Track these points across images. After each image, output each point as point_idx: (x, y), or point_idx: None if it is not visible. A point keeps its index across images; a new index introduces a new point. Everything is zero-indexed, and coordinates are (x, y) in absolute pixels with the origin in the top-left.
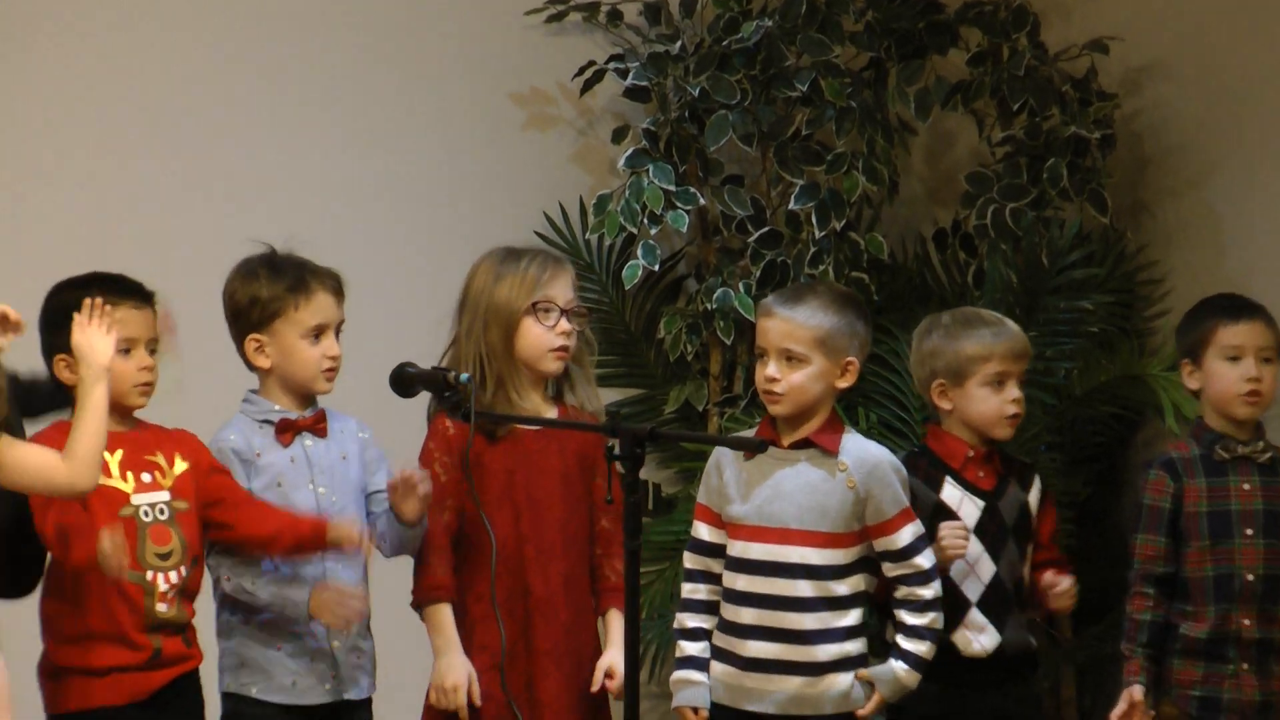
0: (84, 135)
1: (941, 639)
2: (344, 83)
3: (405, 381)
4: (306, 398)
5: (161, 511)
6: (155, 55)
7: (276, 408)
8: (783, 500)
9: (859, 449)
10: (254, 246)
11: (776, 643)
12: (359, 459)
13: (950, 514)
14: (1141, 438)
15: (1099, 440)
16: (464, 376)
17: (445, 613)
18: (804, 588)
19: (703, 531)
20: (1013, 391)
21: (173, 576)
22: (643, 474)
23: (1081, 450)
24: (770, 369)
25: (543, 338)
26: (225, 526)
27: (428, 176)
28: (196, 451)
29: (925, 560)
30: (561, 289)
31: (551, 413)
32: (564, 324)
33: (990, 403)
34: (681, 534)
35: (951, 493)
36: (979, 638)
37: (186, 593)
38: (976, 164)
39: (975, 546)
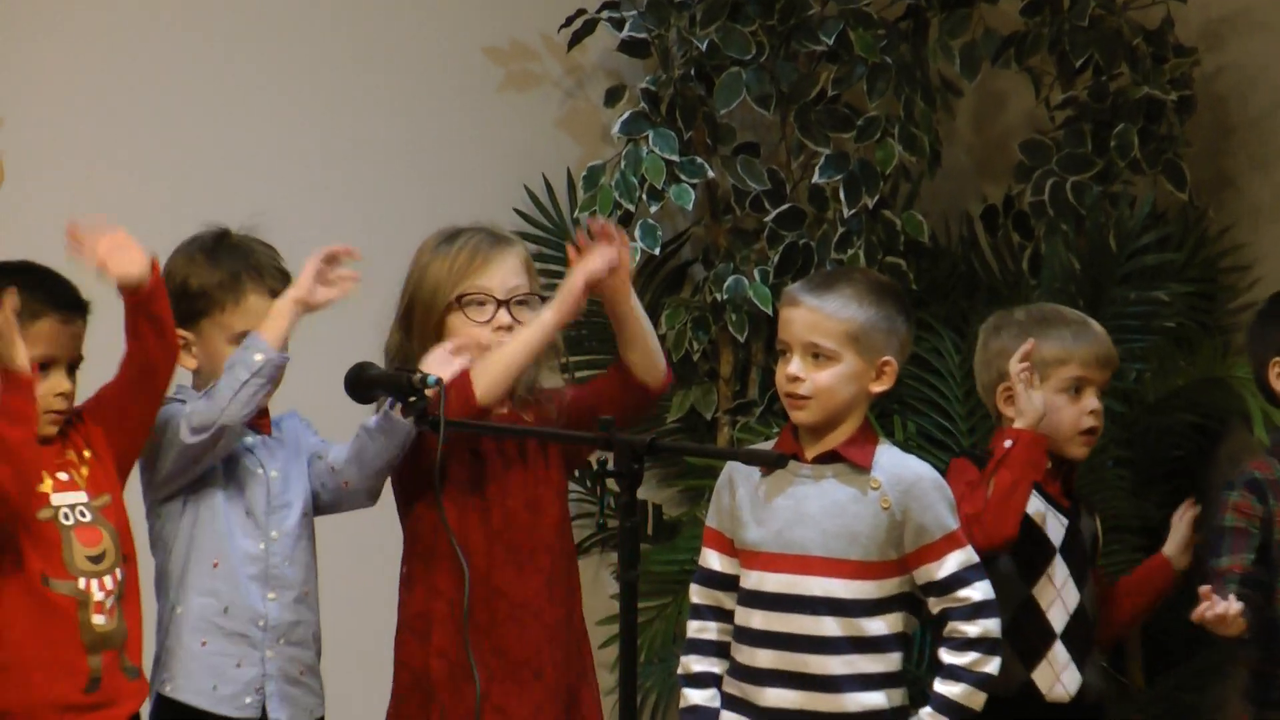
0: (17, 98)
1: (1022, 679)
2: (290, 36)
3: (363, 384)
4: None
5: (83, 514)
6: (92, 13)
7: None
8: (805, 524)
9: (895, 464)
10: (206, 226)
11: (798, 690)
12: (306, 444)
13: (1035, 528)
14: (1225, 451)
15: (1175, 454)
16: (432, 379)
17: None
18: (829, 625)
19: (713, 561)
20: (1091, 402)
21: (108, 581)
22: (641, 493)
23: (1155, 466)
24: (793, 366)
25: (475, 334)
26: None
27: (388, 145)
28: (91, 422)
29: (975, 593)
30: (499, 275)
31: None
32: (501, 316)
33: (1065, 413)
34: (686, 564)
35: (1035, 504)
36: (1062, 677)
37: (124, 598)
38: (1032, 131)
39: (1062, 569)
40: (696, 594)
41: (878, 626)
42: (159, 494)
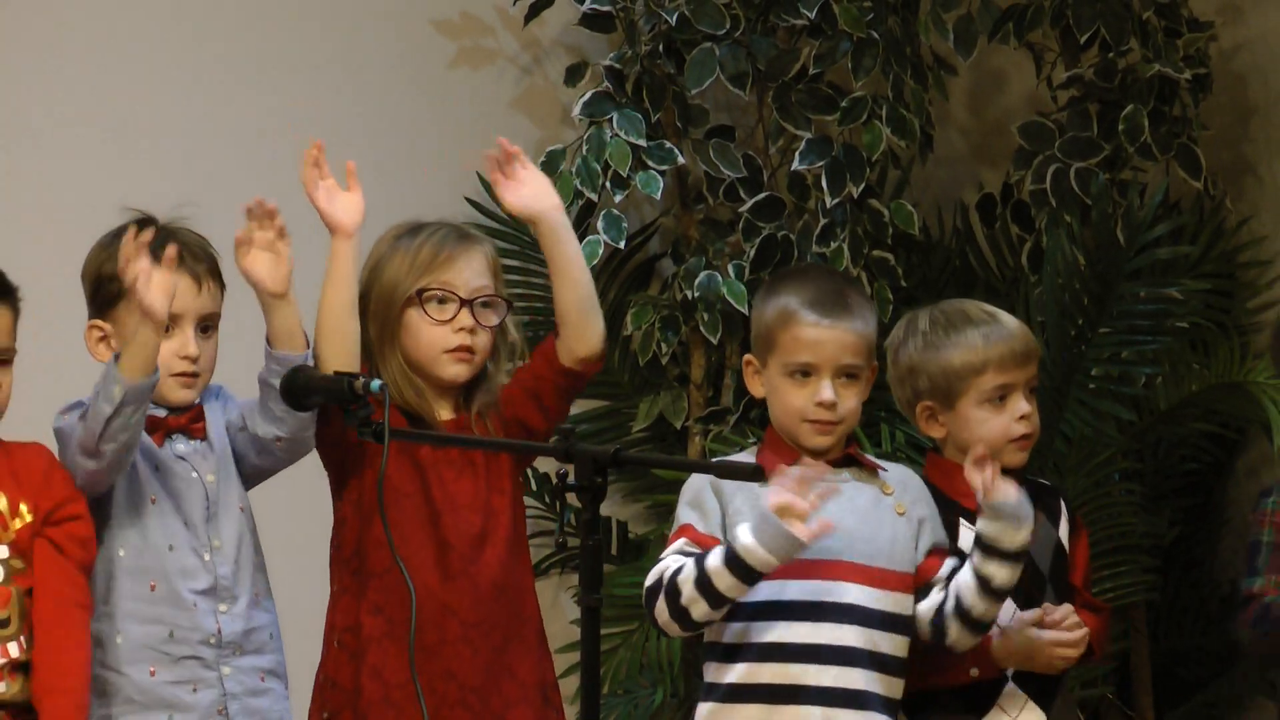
0: None
1: None
2: (223, 6)
3: (299, 389)
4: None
5: None
6: None
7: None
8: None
9: (895, 468)
10: (128, 215)
11: (820, 705)
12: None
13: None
14: (1244, 463)
15: (1189, 467)
16: (375, 384)
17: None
18: (853, 636)
19: (690, 548)
20: (1020, 406)
21: (12, 649)
22: (604, 509)
23: (1167, 480)
24: (829, 392)
25: (433, 334)
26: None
27: (330, 127)
28: (42, 487)
29: None
30: (464, 273)
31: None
32: (463, 317)
33: (991, 425)
34: None
35: (970, 538)
36: (1019, 718)
37: (27, 672)
38: (1033, 113)
39: (1007, 605)
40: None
41: (898, 645)
42: None
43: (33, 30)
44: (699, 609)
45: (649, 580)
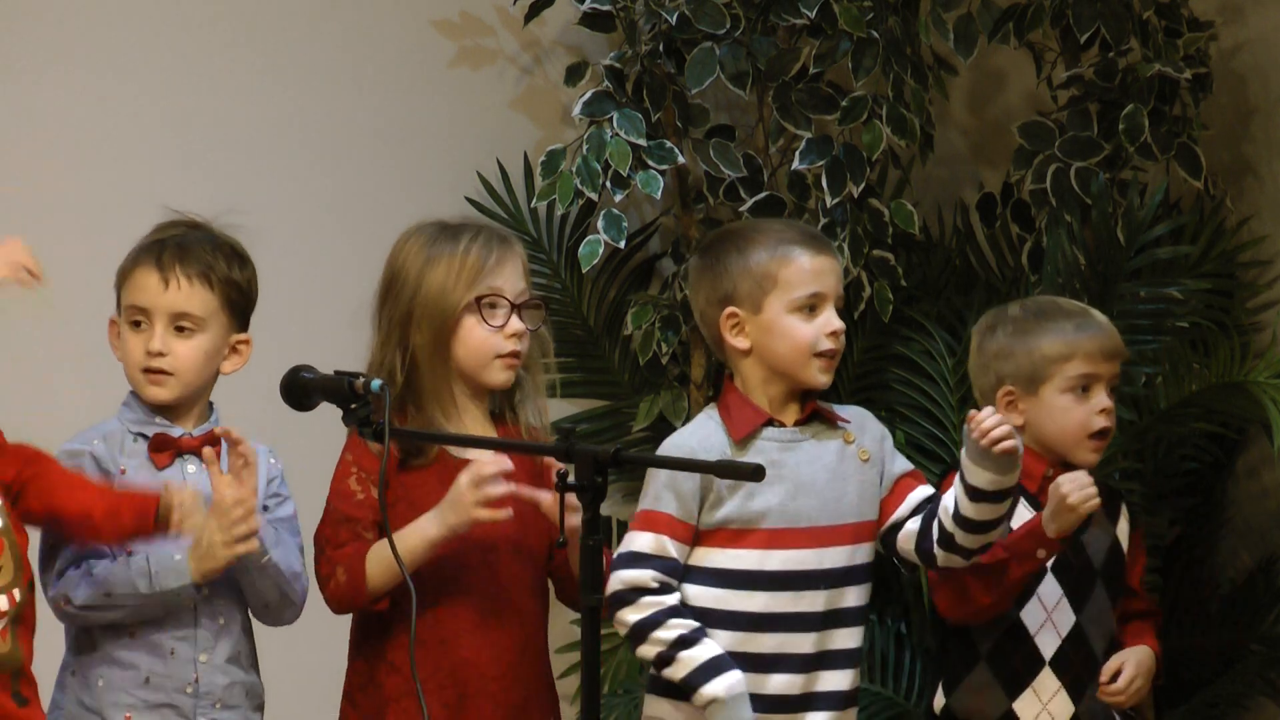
0: None
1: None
2: (223, 8)
3: (299, 390)
4: (199, 411)
5: None
6: None
7: (157, 419)
8: (806, 493)
9: (851, 411)
10: (168, 213)
11: (801, 673)
12: (261, 494)
13: None
14: (1244, 463)
15: (1190, 466)
16: (375, 384)
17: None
18: (828, 599)
19: (670, 548)
20: (1101, 400)
21: (1, 601)
22: (604, 509)
23: (1167, 480)
24: (837, 320)
25: (487, 341)
26: (31, 514)
27: (330, 127)
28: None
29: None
30: (511, 277)
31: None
32: (515, 323)
33: (1073, 414)
34: None
35: (1024, 514)
36: (1049, 707)
37: (21, 621)
38: (1033, 112)
39: (1054, 589)
40: (650, 578)
41: (863, 594)
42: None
43: (41, 32)
44: (666, 668)
45: (617, 585)
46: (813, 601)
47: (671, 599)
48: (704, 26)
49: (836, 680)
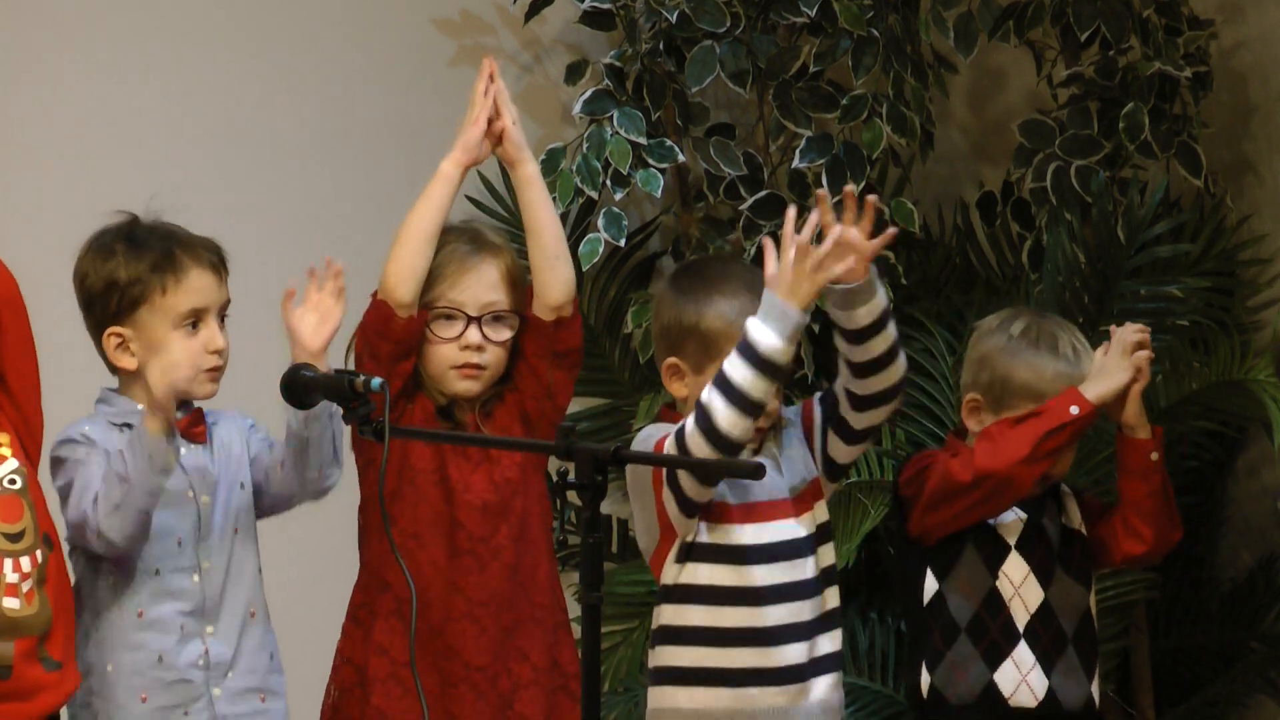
0: None
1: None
2: (222, 7)
3: (300, 388)
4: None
5: (13, 481)
6: None
7: (139, 407)
8: (787, 464)
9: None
10: (111, 217)
11: (804, 641)
12: (244, 453)
13: (989, 528)
14: (1244, 462)
15: (1190, 465)
16: (375, 382)
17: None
18: (810, 567)
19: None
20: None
21: (24, 563)
22: (604, 507)
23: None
24: None
25: (440, 351)
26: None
27: (330, 126)
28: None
29: None
30: (474, 288)
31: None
32: (471, 334)
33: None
34: (653, 585)
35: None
36: (1028, 679)
37: (45, 581)
38: (1033, 111)
39: (1020, 566)
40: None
41: (833, 553)
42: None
43: (32, 31)
44: (724, 417)
45: (671, 446)
46: (804, 569)
47: None
48: (704, 25)
49: (831, 642)
